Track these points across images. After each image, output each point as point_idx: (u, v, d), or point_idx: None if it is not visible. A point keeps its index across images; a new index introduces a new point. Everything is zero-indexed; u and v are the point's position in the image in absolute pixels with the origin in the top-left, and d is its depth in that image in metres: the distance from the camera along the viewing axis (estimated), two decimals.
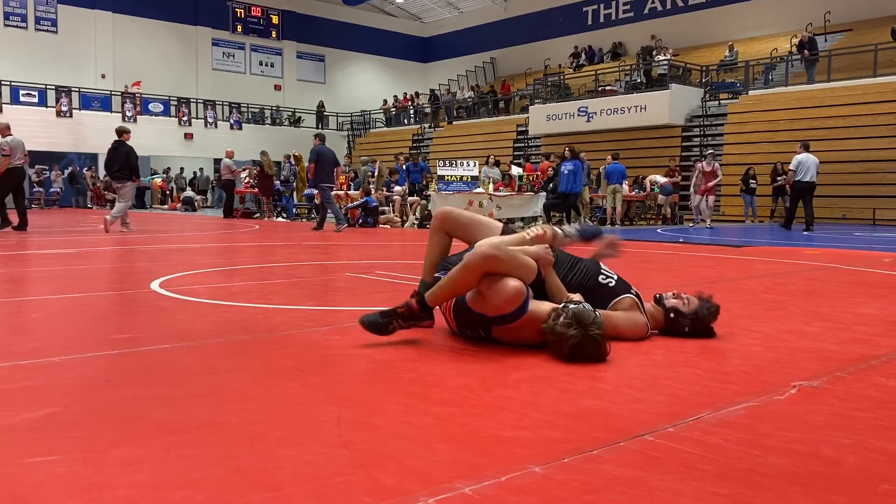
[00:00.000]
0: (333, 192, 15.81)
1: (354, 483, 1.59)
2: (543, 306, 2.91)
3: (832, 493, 1.57)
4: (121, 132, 12.12)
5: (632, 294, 3.22)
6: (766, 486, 1.60)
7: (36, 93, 26.19)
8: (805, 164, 13.40)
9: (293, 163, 19.58)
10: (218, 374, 2.58)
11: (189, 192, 25.36)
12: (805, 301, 4.57)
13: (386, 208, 15.93)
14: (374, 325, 2.98)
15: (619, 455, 1.78)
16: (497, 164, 17.37)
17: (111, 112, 27.52)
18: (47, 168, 26.72)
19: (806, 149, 13.74)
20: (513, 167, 17.39)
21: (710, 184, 15.22)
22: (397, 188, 16.17)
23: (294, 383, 2.45)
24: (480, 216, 3.50)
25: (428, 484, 1.58)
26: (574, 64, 29.48)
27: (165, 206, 26.81)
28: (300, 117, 33.21)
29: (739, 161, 19.15)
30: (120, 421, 2.03)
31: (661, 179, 17.50)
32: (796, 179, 13.51)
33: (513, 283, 2.78)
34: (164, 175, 17.85)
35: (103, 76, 29.36)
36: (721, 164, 19.82)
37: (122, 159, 11.90)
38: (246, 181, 19.83)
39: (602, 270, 3.28)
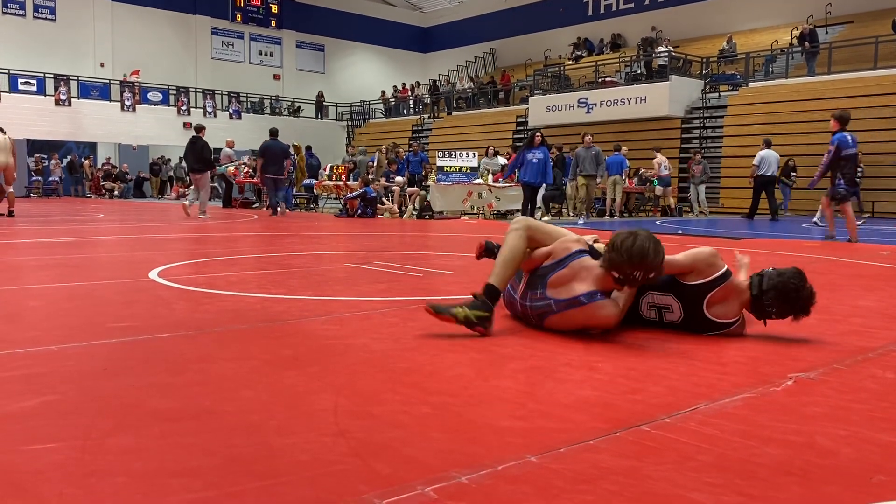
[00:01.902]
0: (332, 183, 16.00)
1: (351, 471, 1.59)
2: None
3: (827, 483, 1.58)
4: (198, 129, 13.57)
5: None
6: (761, 476, 1.61)
7: (34, 81, 26.09)
8: (767, 159, 14.51)
9: (292, 153, 19.52)
10: (216, 363, 2.59)
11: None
12: None
13: (389, 201, 15.89)
14: (437, 308, 3.08)
15: (615, 445, 1.79)
16: (496, 154, 17.33)
17: (110, 101, 27.43)
18: (46, 157, 26.65)
19: (768, 145, 14.78)
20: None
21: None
22: (398, 178, 16.14)
23: (291, 372, 2.46)
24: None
25: (424, 473, 1.59)
26: (574, 55, 29.38)
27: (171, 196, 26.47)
28: (299, 107, 33.11)
29: (739, 153, 19.13)
30: (118, 409, 2.04)
31: (665, 170, 17.26)
32: (759, 174, 14.54)
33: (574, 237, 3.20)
34: (235, 164, 17.90)
35: (102, 65, 29.23)
36: (721, 157, 19.86)
37: (199, 153, 13.30)
38: (245, 171, 19.77)
39: None
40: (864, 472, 1.65)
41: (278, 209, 14.78)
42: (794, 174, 17.15)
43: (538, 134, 13.36)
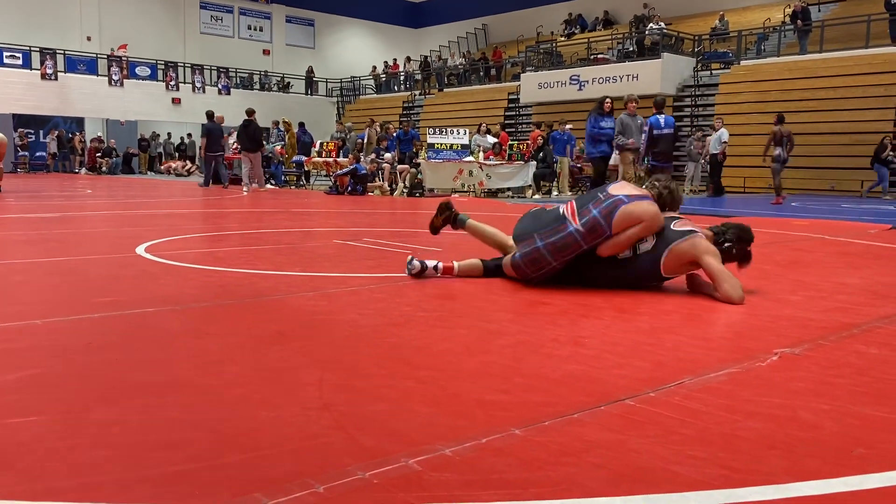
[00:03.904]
0: (322, 160, 16.11)
1: (334, 444, 1.59)
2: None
3: (809, 456, 1.59)
4: (250, 112, 15.05)
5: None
6: (744, 449, 1.62)
7: (20, 55, 25.68)
8: (722, 139, 15.61)
9: (282, 129, 19.36)
10: (201, 338, 2.58)
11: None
12: (790, 270, 4.59)
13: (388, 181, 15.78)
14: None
15: (600, 418, 1.80)
16: (488, 132, 17.23)
17: (97, 75, 27.05)
18: (31, 132, 26.30)
19: (722, 124, 15.89)
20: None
21: None
22: (387, 155, 16.05)
23: (277, 347, 2.45)
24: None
25: (409, 445, 1.59)
26: (566, 31, 29.16)
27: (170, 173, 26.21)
28: (289, 83, 32.79)
29: (730, 132, 19.10)
30: (102, 382, 2.03)
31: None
32: (713, 153, 15.54)
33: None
34: (283, 144, 17.87)
35: (89, 38, 28.74)
36: (711, 135, 19.82)
37: (252, 134, 14.84)
38: (234, 147, 19.60)
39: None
40: (846, 445, 1.66)
41: (222, 183, 16.33)
42: (891, 154, 15.40)
43: (609, 100, 11.74)
